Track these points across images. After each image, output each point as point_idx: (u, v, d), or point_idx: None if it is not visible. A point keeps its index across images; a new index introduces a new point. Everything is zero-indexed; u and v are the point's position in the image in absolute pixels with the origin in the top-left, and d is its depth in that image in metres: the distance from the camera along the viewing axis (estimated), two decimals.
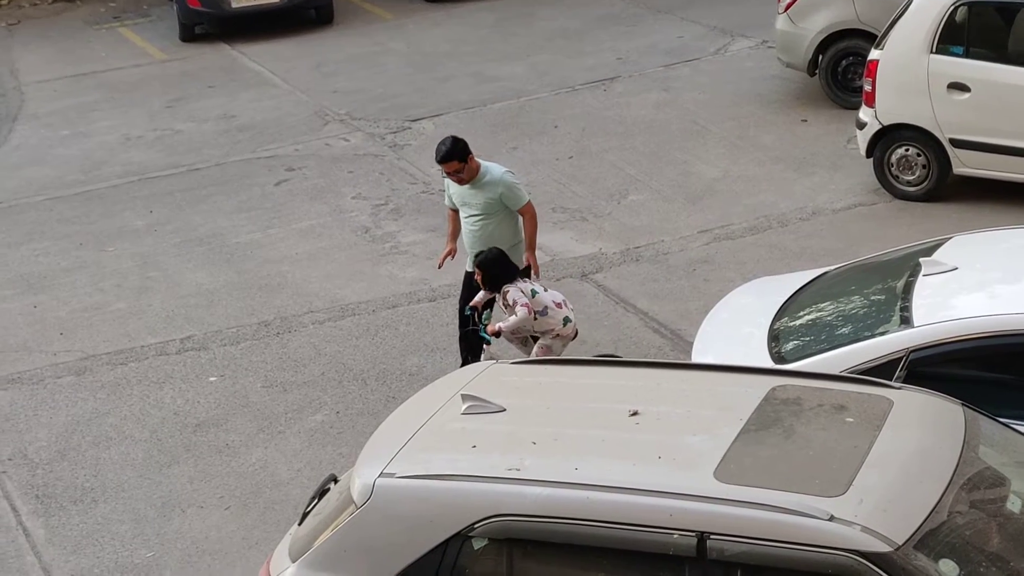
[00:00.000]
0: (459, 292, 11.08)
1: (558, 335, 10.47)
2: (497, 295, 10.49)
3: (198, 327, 12.52)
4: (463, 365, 10.33)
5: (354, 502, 7.02)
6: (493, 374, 7.92)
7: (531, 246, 10.74)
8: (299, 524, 7.52)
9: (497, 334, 10.46)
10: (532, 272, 10.73)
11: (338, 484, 7.54)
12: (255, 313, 12.69)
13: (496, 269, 10.43)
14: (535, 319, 10.36)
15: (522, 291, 10.35)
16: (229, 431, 10.86)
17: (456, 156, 10.48)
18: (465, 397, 7.42)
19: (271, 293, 13.07)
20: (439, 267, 11.23)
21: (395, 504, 6.93)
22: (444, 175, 10.68)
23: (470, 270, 10.78)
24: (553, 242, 13.34)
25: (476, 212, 10.61)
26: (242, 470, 10.39)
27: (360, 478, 7.07)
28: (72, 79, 19.83)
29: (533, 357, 10.21)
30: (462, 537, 6.75)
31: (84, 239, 14.57)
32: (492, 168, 10.67)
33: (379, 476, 6.99)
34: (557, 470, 6.80)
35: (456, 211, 10.85)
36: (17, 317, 12.98)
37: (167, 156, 16.63)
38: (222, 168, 16.14)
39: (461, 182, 10.61)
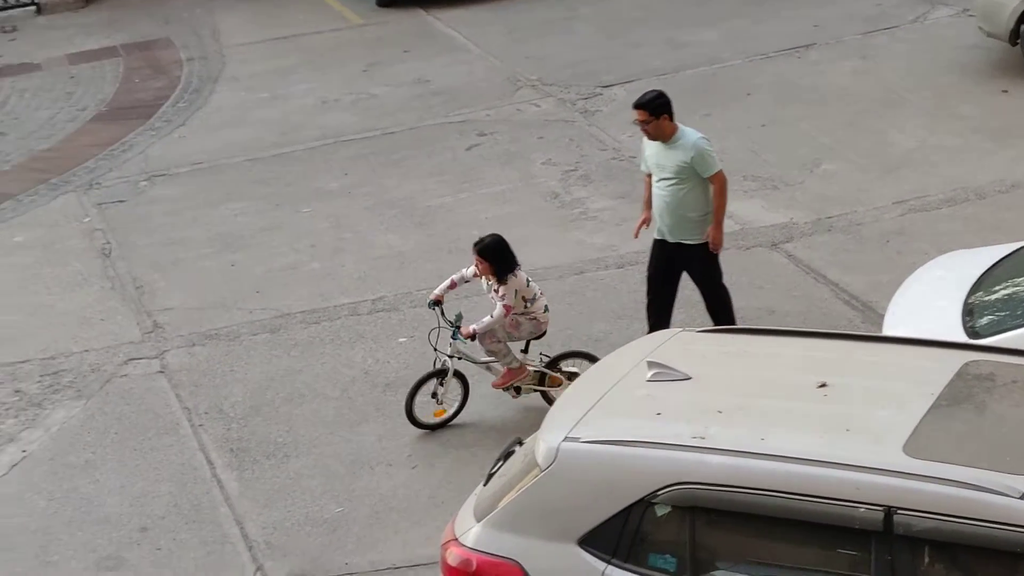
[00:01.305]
0: (647, 259, 11.06)
1: (535, 318, 10.45)
2: (489, 282, 10.43)
3: (389, 288, 12.71)
4: (650, 332, 10.33)
5: (539, 465, 7.09)
6: (680, 342, 7.91)
7: (718, 220, 10.57)
8: (484, 485, 7.61)
9: (472, 336, 10.38)
10: (712, 248, 10.59)
11: (523, 447, 7.62)
12: (444, 276, 12.80)
13: (502, 257, 10.40)
14: (526, 307, 10.37)
15: (517, 288, 10.33)
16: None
17: (648, 107, 10.45)
18: (651, 364, 7.43)
19: (460, 256, 13.17)
20: (635, 236, 11.17)
21: (579, 468, 6.98)
22: (636, 121, 10.61)
23: (659, 237, 10.75)
24: (743, 211, 13.24)
25: (668, 176, 10.55)
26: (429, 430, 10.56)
27: (545, 442, 7.13)
28: (271, 43, 20.21)
29: (500, 329, 10.33)
30: (645, 503, 6.78)
31: (281, 200, 14.89)
32: (688, 132, 10.61)
33: (564, 440, 7.05)
34: (743, 440, 6.78)
35: (651, 177, 10.81)
36: (216, 275, 13.33)
37: (362, 120, 16.88)
38: (415, 132, 16.33)
39: (646, 134, 10.57)
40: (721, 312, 10.82)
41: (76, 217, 14.90)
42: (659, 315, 10.80)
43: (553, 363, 10.63)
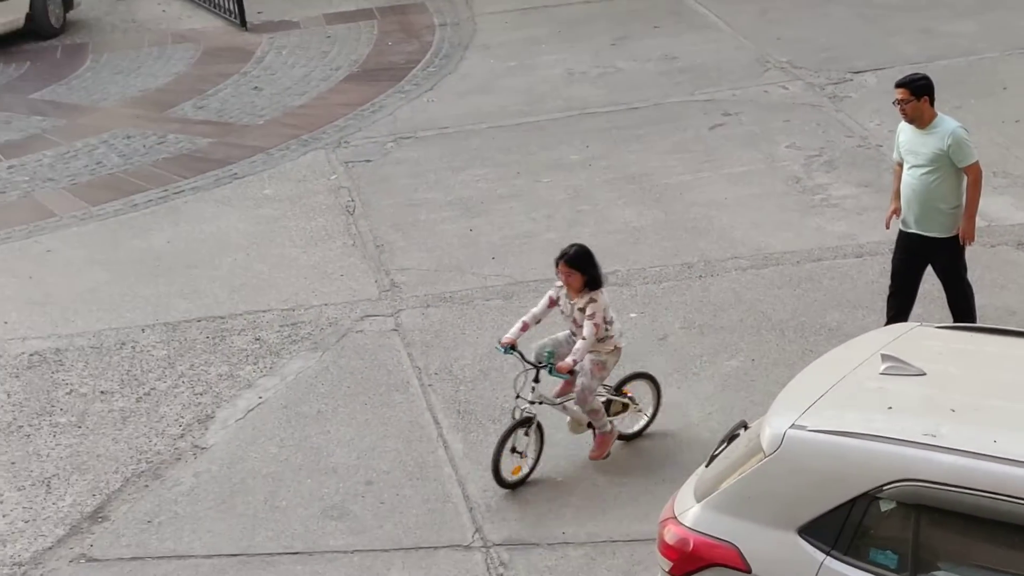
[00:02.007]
0: (888, 250, 10.87)
1: (616, 348, 9.67)
2: (573, 301, 9.57)
3: (623, 263, 12.73)
4: (888, 324, 10.15)
5: (763, 450, 7.04)
6: (916, 336, 7.77)
7: (971, 212, 10.34)
8: (706, 466, 7.60)
9: (571, 371, 9.41)
10: (962, 242, 10.37)
11: (748, 431, 7.58)
12: (679, 254, 12.81)
13: (593, 265, 9.48)
14: (606, 329, 9.54)
15: (606, 302, 9.49)
16: (644, 367, 11.01)
17: (910, 86, 10.22)
18: (885, 357, 7.32)
19: (696, 236, 13.16)
20: (886, 227, 10.94)
21: (804, 457, 6.92)
22: (896, 101, 10.38)
23: (904, 229, 10.54)
24: (991, 207, 12.90)
25: (922, 163, 10.32)
26: None
27: (771, 427, 7.09)
28: (522, 12, 20.37)
29: (586, 376, 9.52)
30: (869, 497, 6.69)
31: (521, 168, 15.02)
32: (947, 120, 10.38)
33: (790, 427, 6.99)
34: (974, 440, 6.63)
35: (901, 166, 10.60)
36: (454, 239, 13.53)
37: (607, 93, 16.91)
38: (659, 108, 16.30)
39: (904, 115, 10.35)
40: (962, 308, 10.58)
41: (323, 173, 15.28)
42: (900, 308, 10.61)
43: (617, 389, 10.04)
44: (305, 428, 10.69)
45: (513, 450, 9.67)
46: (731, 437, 7.67)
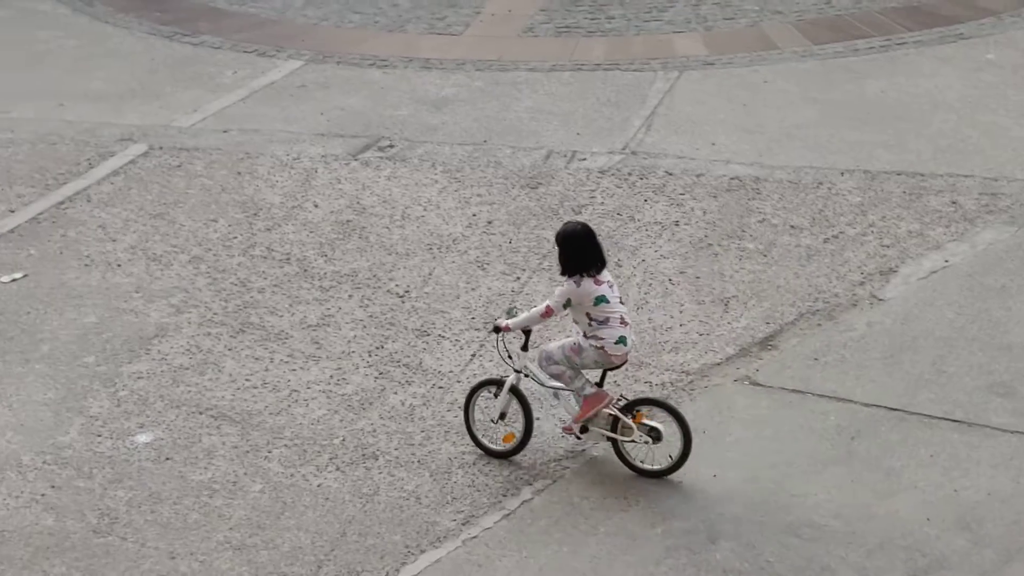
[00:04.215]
0: None
1: (603, 348, 8.57)
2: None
3: None
4: None
5: None
6: None
7: None
8: None
9: (497, 330, 8.81)
10: None
11: None
12: None
13: (570, 250, 8.52)
14: (590, 324, 8.57)
15: (570, 293, 8.50)
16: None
17: None
18: None
19: None
20: None
21: None
22: None
23: None
24: None
25: None
26: None
27: None
28: None
29: (559, 349, 8.74)
30: None
31: None
32: None
33: None
34: None
35: None
36: None
37: None
38: None
39: None
40: None
41: None
42: None
43: (630, 407, 8.82)
44: (986, 300, 10.50)
45: (502, 416, 9.03)
46: None
